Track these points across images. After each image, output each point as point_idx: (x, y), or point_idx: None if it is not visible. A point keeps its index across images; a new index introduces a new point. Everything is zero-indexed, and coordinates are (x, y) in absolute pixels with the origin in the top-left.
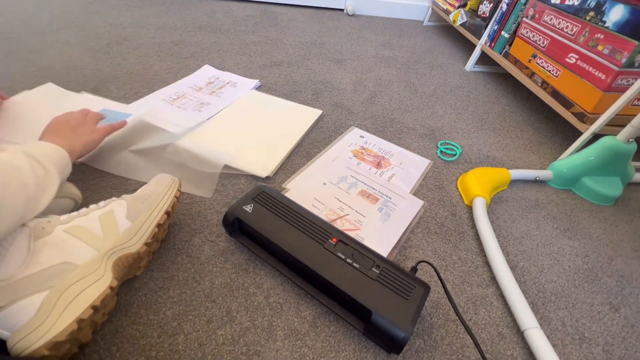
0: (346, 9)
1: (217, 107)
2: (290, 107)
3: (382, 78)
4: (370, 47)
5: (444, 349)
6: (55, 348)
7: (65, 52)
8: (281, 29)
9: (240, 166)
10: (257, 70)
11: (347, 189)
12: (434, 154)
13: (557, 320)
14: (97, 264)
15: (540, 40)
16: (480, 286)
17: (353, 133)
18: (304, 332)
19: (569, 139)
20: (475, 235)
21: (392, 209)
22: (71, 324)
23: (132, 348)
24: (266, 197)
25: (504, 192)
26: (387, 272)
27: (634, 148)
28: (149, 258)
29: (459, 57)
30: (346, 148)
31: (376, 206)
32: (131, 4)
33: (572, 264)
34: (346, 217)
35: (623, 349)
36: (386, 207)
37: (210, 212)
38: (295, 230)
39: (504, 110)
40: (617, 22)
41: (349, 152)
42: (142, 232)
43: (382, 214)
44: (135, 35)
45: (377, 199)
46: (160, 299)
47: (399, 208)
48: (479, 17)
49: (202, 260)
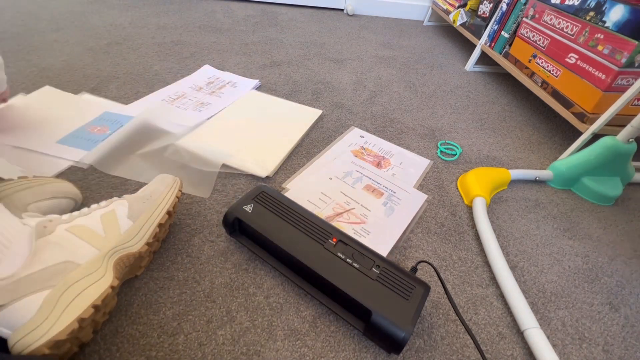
0: (346, 9)
1: (217, 107)
2: (290, 107)
3: (382, 78)
4: (370, 47)
5: (444, 349)
6: (56, 347)
7: (65, 52)
8: (281, 29)
9: (240, 166)
10: (257, 70)
11: (353, 184)
12: (434, 154)
13: (557, 320)
14: (98, 264)
15: (540, 40)
16: (480, 286)
17: (353, 133)
18: (304, 332)
19: (569, 139)
20: (475, 235)
21: (397, 203)
22: (72, 323)
23: (132, 348)
24: (266, 197)
25: (504, 192)
26: (387, 272)
27: (634, 148)
28: (150, 258)
29: (459, 57)
30: (346, 148)
31: (381, 200)
32: (131, 4)
33: (572, 264)
34: (352, 210)
35: (623, 349)
36: (390, 202)
37: (210, 212)
38: (295, 230)
39: (504, 110)
40: (617, 22)
41: (349, 152)
42: (143, 232)
43: (386, 208)
44: (135, 35)
45: (382, 194)
46: (160, 299)
47: (403, 202)
48: (479, 17)
49: (202, 260)
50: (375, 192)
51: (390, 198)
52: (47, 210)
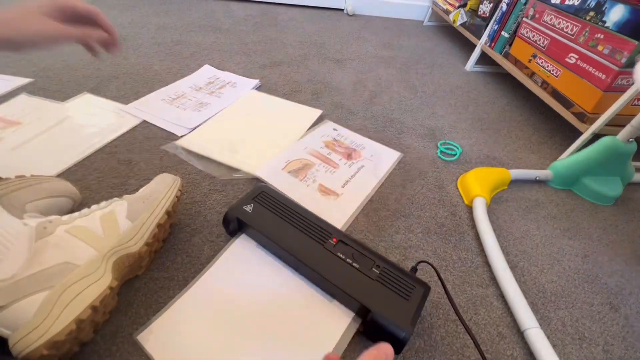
0: (346, 9)
1: (217, 107)
2: (290, 107)
3: (382, 78)
4: (370, 47)
5: (444, 349)
6: (55, 347)
7: (65, 52)
8: (281, 29)
9: (240, 166)
10: (257, 70)
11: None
12: (434, 154)
13: (557, 320)
14: (97, 264)
15: (541, 40)
16: (480, 286)
17: (327, 125)
18: None
19: (569, 139)
20: (475, 235)
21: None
22: (70, 324)
23: (132, 348)
24: (266, 197)
25: (504, 192)
26: (387, 272)
27: (634, 148)
28: (150, 258)
29: (459, 57)
30: (318, 138)
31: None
32: (131, 3)
33: (572, 264)
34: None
35: (623, 349)
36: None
37: (210, 212)
38: (296, 230)
39: (504, 110)
40: (617, 22)
41: (321, 142)
42: (142, 232)
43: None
44: (135, 35)
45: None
46: (161, 299)
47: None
48: (479, 17)
49: (202, 260)
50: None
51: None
52: (45, 209)
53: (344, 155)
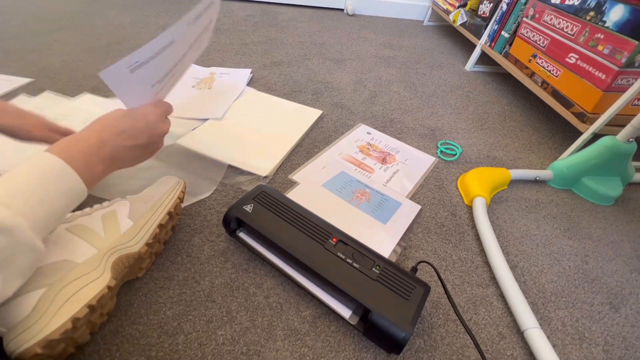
0: (346, 9)
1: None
2: (290, 107)
3: (382, 78)
4: (370, 47)
5: (444, 349)
6: (49, 347)
7: (65, 52)
8: (281, 28)
9: (240, 165)
10: (257, 70)
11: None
12: (434, 154)
13: (557, 320)
14: (96, 263)
15: (541, 40)
16: (480, 286)
17: (361, 129)
18: (304, 332)
19: (569, 139)
20: (475, 235)
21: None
22: (65, 323)
23: (132, 348)
24: (266, 197)
25: (504, 192)
26: (387, 272)
27: (634, 148)
28: (150, 259)
29: (459, 57)
30: (353, 143)
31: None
32: (131, 3)
33: (572, 264)
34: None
35: (623, 349)
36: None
37: (210, 212)
38: (296, 230)
39: (504, 110)
40: (617, 22)
41: (356, 147)
42: (143, 233)
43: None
44: (135, 35)
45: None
46: (160, 299)
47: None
48: (479, 17)
49: (202, 260)
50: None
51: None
52: None
53: (378, 159)
